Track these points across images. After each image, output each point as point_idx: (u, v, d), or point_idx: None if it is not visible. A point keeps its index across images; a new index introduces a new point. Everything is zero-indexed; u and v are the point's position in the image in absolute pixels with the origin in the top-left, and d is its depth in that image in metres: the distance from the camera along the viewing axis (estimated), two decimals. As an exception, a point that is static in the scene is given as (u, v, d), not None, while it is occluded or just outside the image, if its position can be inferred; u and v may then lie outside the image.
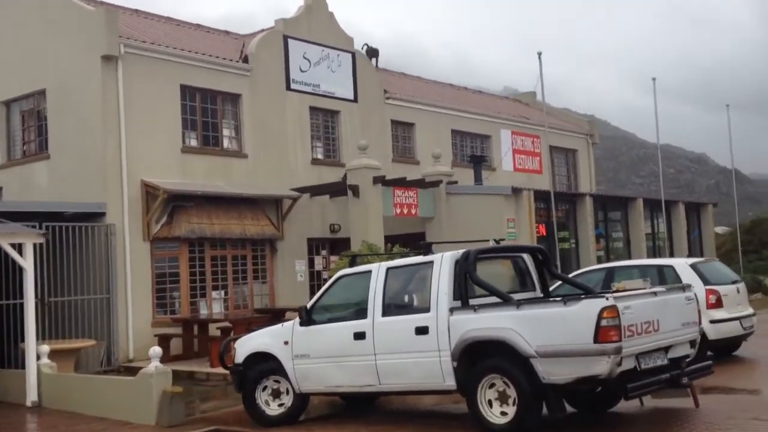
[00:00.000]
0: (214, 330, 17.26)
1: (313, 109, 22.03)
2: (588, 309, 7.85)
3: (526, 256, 10.09)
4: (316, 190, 20.89)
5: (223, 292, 18.89)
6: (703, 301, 13.06)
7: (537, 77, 21.77)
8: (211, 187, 18.53)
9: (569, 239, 23.89)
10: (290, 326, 10.25)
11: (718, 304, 13.14)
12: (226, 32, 23.64)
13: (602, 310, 7.76)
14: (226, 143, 19.92)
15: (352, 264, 10.27)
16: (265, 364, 10.33)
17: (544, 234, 22.36)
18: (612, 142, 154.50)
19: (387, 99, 24.38)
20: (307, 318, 10.04)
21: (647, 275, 14.10)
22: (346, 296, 10.08)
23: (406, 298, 9.54)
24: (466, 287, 8.96)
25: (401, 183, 20.82)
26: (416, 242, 22.40)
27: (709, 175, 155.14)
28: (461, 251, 9.12)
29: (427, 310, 8.96)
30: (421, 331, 8.92)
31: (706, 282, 13.28)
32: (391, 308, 9.40)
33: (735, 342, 13.93)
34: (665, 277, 13.67)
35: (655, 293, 8.51)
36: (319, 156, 22.35)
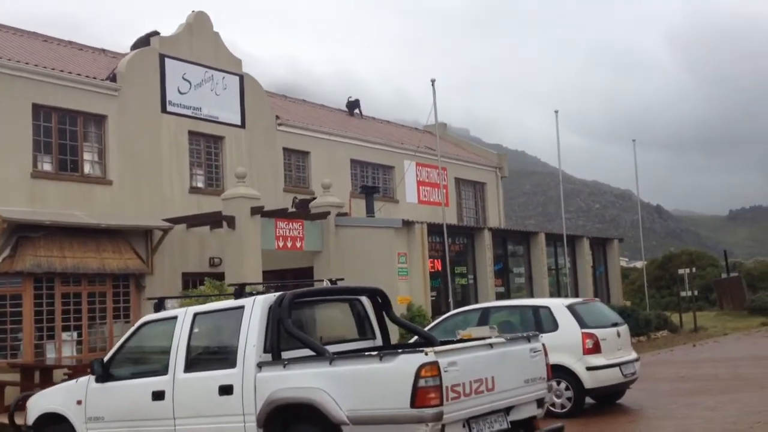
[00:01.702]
0: (61, 376, 15.40)
1: (193, 133, 20.51)
2: (404, 366, 6.54)
3: (364, 299, 8.77)
4: (191, 221, 19.30)
5: (76, 334, 17.03)
6: (580, 346, 12.02)
7: (431, 106, 20.65)
8: (64, 216, 16.76)
9: (467, 275, 22.80)
10: (84, 382, 8.67)
11: (596, 349, 12.04)
12: (103, 50, 21.98)
13: (420, 367, 6.46)
14: (87, 168, 18.19)
15: (158, 308, 8.77)
16: (57, 427, 8.72)
17: (439, 269, 21.20)
18: (542, 178, 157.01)
19: (279, 125, 23.04)
20: (104, 373, 8.48)
21: (523, 316, 13.07)
22: (149, 347, 8.58)
23: (213, 351, 8.10)
24: (279, 337, 7.57)
25: (284, 214, 19.39)
26: (305, 278, 21.16)
27: (633, 210, 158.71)
28: (275, 294, 7.75)
29: (233, 365, 7.53)
30: (225, 390, 7.47)
31: (583, 324, 12.19)
32: (196, 362, 7.94)
33: (617, 390, 12.87)
34: (540, 319, 12.55)
35: (490, 345, 7.26)
36: (199, 184, 20.79)
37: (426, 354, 6.51)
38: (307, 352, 7.46)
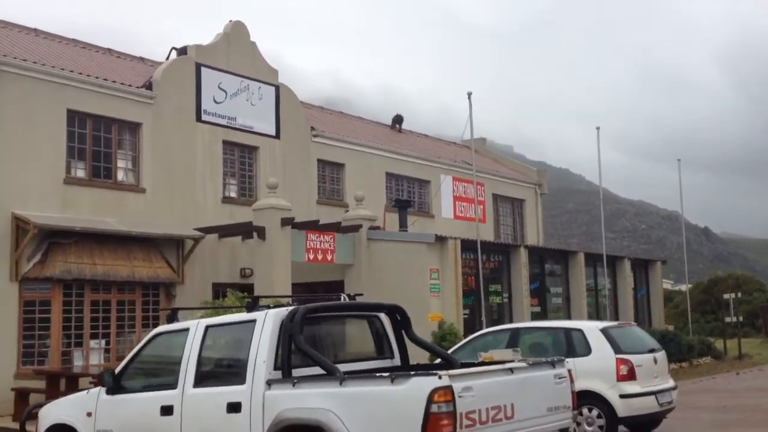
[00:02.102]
0: (86, 384, 15.28)
1: (227, 143, 20.42)
2: (416, 390, 6.18)
3: (383, 317, 8.42)
4: (222, 231, 19.17)
5: (104, 342, 16.95)
6: (614, 372, 11.49)
7: (467, 119, 20.27)
8: (95, 223, 16.73)
9: (501, 293, 22.29)
10: (95, 394, 8.46)
11: (630, 375, 11.49)
12: (141, 59, 22.07)
13: (432, 392, 6.09)
14: (120, 175, 18.18)
15: (171, 319, 8.53)
16: (67, 439, 8.52)
17: (473, 287, 20.74)
18: (586, 196, 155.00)
19: (314, 137, 22.87)
20: (114, 385, 8.26)
21: (555, 338, 12.56)
22: (161, 359, 8.33)
23: (223, 365, 7.82)
24: (290, 354, 7.26)
25: (314, 226, 19.14)
26: (336, 291, 20.88)
27: (680, 232, 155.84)
28: (288, 308, 7.45)
29: (242, 381, 7.23)
30: (234, 408, 7.18)
31: (618, 350, 11.65)
32: (206, 377, 7.67)
33: (652, 419, 12.28)
34: (573, 342, 12.03)
35: (511, 370, 6.84)
36: (232, 194, 20.67)
37: (440, 378, 6.14)
38: (319, 370, 7.15)
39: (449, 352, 13.01)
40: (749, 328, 38.93)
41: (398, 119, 30.75)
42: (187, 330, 7.94)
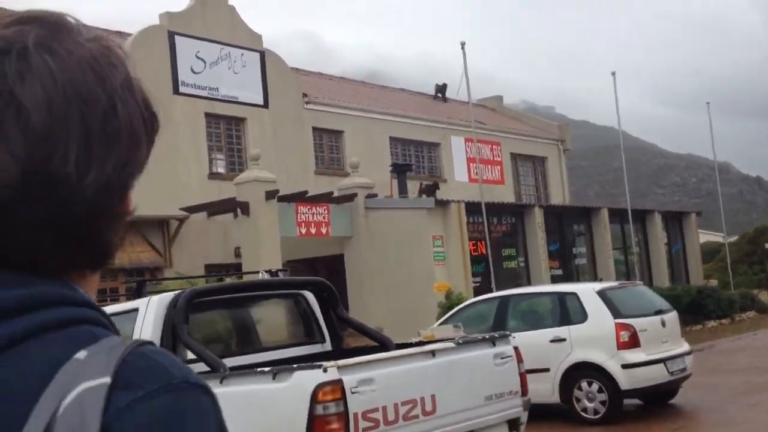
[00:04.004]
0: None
1: (210, 115, 19.20)
2: (298, 387, 4.86)
3: (309, 295, 7.09)
4: (206, 209, 17.99)
5: (82, 333, 15.95)
6: (613, 339, 10.02)
7: (462, 72, 18.67)
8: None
9: (516, 257, 20.77)
10: None
11: (633, 342, 10.00)
12: (119, 33, 20.87)
13: (316, 389, 4.76)
14: (92, 157, 17.08)
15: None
16: None
17: (483, 252, 19.26)
18: (632, 153, 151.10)
19: (307, 104, 21.51)
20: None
21: (547, 305, 11.13)
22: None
23: None
24: (175, 346, 5.98)
25: (303, 198, 17.83)
26: (336, 266, 19.68)
27: (731, 183, 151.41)
28: (173, 293, 6.17)
29: None
30: None
31: (617, 314, 10.15)
32: None
33: (666, 389, 10.78)
34: (566, 308, 10.59)
35: (432, 353, 5.45)
36: (220, 169, 19.48)
37: (325, 370, 4.80)
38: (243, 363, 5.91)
39: (437, 324, 11.71)
40: (799, 277, 36.66)
41: (441, 88, 29.80)
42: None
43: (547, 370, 10.32)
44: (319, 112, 21.78)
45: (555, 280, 21.19)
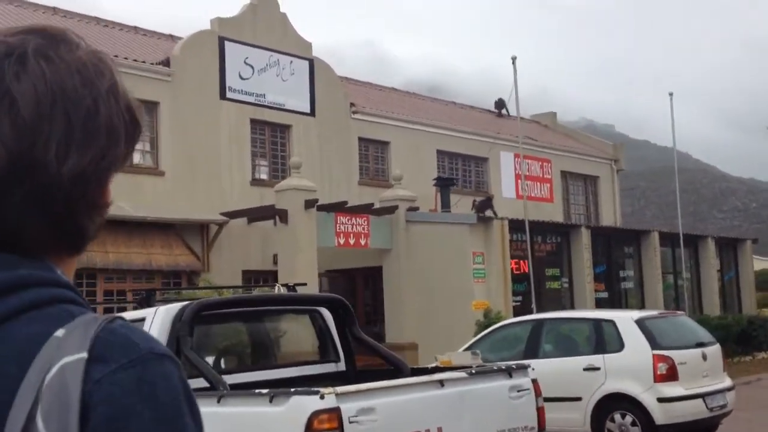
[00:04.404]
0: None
1: (255, 122, 19.19)
2: (294, 413, 4.63)
3: (325, 312, 6.86)
4: (246, 215, 17.95)
5: (118, 333, 16.03)
6: (650, 371, 9.57)
7: (512, 87, 18.27)
8: (104, 209, 15.76)
9: (560, 278, 20.26)
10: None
11: (671, 375, 9.54)
12: (171, 36, 21.07)
13: (312, 417, 4.52)
14: (137, 158, 17.19)
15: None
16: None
17: (526, 271, 18.80)
18: (693, 175, 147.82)
19: (354, 113, 21.38)
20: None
21: (583, 331, 10.71)
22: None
23: None
24: (179, 357, 5.81)
25: (342, 208, 17.65)
26: (375, 277, 19.44)
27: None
28: (181, 305, 6.01)
29: None
30: None
31: (655, 345, 9.71)
32: None
33: (706, 425, 10.26)
34: (603, 336, 10.17)
35: (441, 383, 5.16)
36: (263, 176, 19.45)
37: (321, 397, 4.55)
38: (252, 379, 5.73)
39: (462, 349, 11.38)
40: None
41: (501, 103, 29.72)
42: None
43: (579, 399, 9.94)
44: (366, 122, 21.63)
45: (599, 303, 20.63)
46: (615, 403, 9.71)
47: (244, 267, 18.35)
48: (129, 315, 6.56)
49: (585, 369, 9.92)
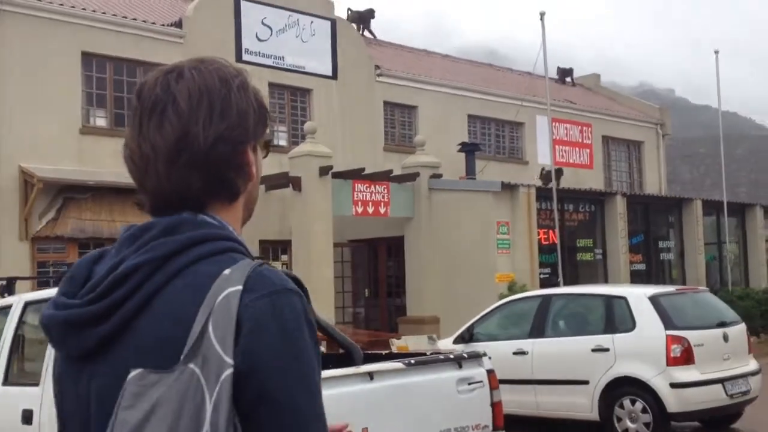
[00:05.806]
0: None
1: (274, 85, 18.53)
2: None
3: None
4: (263, 182, 17.37)
5: (127, 303, 15.73)
6: (663, 353, 8.73)
7: (541, 45, 17.13)
8: (113, 176, 15.37)
9: (593, 249, 19.26)
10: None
11: (686, 358, 8.68)
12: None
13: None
14: (148, 124, 16.74)
15: (6, 291, 6.70)
16: None
17: (555, 242, 17.87)
18: (756, 142, 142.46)
19: (379, 76, 20.56)
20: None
21: (593, 309, 9.87)
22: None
23: (28, 359, 6.00)
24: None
25: (359, 175, 16.91)
26: (398, 248, 18.74)
27: None
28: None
29: (37, 381, 5.37)
30: (27, 418, 5.33)
31: (669, 324, 8.84)
32: (14, 372, 5.90)
33: (726, 413, 9.39)
34: (613, 314, 9.33)
35: (369, 376, 4.46)
36: (282, 142, 18.83)
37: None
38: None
39: (473, 322, 10.67)
40: None
41: (565, 72, 29.43)
42: (9, 307, 6.10)
43: (586, 382, 9.16)
44: (392, 85, 20.80)
45: (636, 275, 19.62)
46: (625, 387, 8.91)
47: (262, 236, 17.83)
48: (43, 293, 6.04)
49: (593, 350, 9.13)
